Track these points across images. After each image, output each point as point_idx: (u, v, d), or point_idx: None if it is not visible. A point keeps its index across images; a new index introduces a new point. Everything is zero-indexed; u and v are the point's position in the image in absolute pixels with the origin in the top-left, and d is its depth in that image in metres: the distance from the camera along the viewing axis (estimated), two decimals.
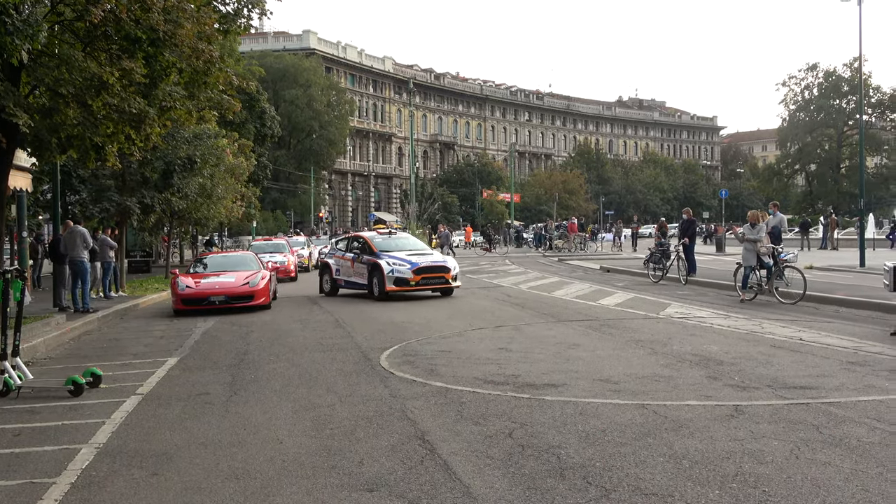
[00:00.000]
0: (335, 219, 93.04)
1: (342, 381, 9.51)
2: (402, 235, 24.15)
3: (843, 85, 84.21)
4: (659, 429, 6.81)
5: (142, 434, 7.35)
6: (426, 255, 21.62)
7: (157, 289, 24.83)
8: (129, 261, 32.24)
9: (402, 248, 21.67)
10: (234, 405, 8.41)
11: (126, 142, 15.03)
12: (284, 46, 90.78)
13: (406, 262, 20.58)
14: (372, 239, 22.25)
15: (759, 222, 18.13)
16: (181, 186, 25.46)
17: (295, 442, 6.83)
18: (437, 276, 20.61)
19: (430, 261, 21.13)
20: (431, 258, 21.54)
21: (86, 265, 18.24)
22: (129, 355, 12.47)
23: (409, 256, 20.92)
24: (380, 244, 21.79)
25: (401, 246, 21.95)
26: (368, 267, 20.96)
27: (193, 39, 13.80)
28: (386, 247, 21.62)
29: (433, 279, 20.59)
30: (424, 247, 23.47)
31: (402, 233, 25.86)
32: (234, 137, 35.27)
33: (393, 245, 21.88)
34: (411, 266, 20.41)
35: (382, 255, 20.94)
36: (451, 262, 21.56)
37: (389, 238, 22.60)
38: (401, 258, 20.77)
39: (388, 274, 20.18)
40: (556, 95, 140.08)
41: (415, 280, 20.23)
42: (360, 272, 21.41)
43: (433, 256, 21.98)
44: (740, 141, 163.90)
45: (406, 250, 21.50)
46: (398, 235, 23.56)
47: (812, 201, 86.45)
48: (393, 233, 23.65)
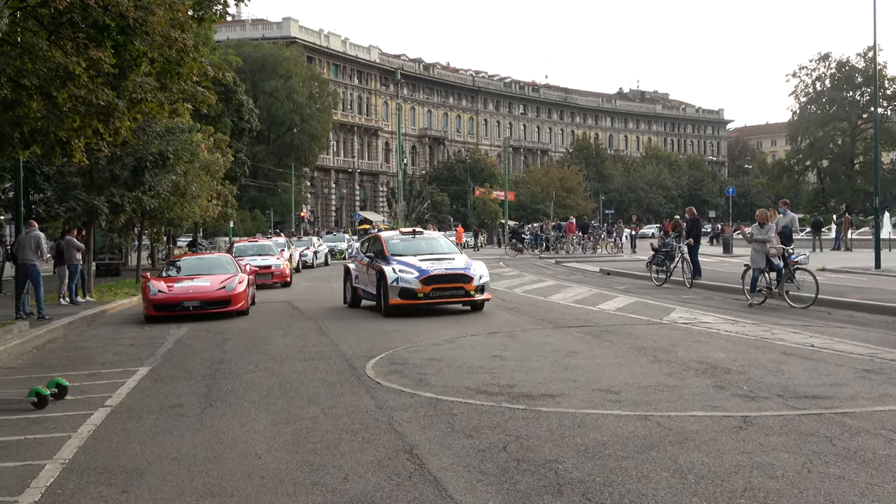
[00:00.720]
0: (318, 218, 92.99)
1: (325, 391, 9.50)
2: (430, 236, 21.45)
3: (857, 76, 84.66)
4: (663, 442, 6.82)
5: (110, 449, 7.32)
6: (444, 260, 18.28)
7: (126, 293, 24.74)
8: (98, 264, 32.12)
9: (421, 252, 18.85)
10: (209, 418, 8.39)
11: (94, 136, 15.00)
12: (263, 35, 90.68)
13: (414, 268, 17.66)
14: (388, 240, 19.68)
15: (768, 222, 18.19)
16: (153, 184, 25.38)
17: (274, 457, 6.81)
18: (453, 287, 17.62)
19: (445, 267, 17.85)
20: (448, 263, 18.10)
21: (37, 268, 18.19)
22: (97, 365, 12.42)
23: (422, 262, 17.94)
24: (394, 246, 19.15)
25: (421, 249, 19.16)
26: (377, 274, 18.20)
27: (165, 27, 13.78)
28: (401, 250, 18.97)
29: (448, 290, 17.63)
30: (453, 250, 20.04)
31: (433, 233, 23.02)
32: (210, 132, 35.23)
33: (412, 248, 19.17)
34: (420, 274, 17.46)
35: (392, 259, 18.21)
36: (477, 269, 18.15)
37: (412, 239, 19.84)
38: (410, 264, 17.87)
39: (392, 283, 17.37)
40: (552, 87, 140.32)
41: (423, 291, 17.29)
42: (372, 280, 18.68)
43: (452, 261, 18.32)
44: (748, 135, 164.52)
45: (425, 254, 18.68)
46: (425, 236, 20.75)
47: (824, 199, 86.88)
48: (419, 232, 20.86)
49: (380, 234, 21.19)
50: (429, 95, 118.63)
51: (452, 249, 20.05)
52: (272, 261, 29.34)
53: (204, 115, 33.44)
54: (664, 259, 23.94)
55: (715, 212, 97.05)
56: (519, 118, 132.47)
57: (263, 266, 28.11)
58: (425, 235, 20.87)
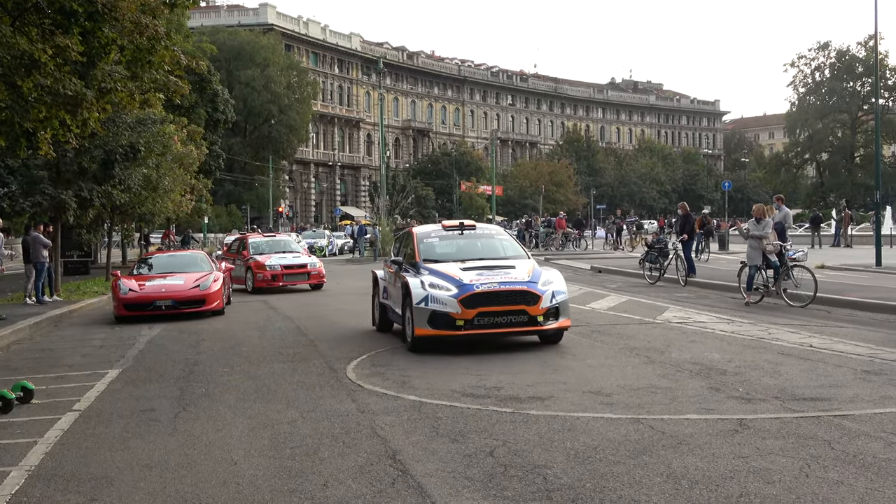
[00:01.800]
0: (296, 214, 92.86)
1: (304, 394, 9.49)
2: (484, 232, 15.06)
3: (858, 65, 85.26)
4: (655, 445, 6.85)
5: (79, 455, 7.29)
6: (497, 270, 12.82)
7: (96, 292, 24.64)
8: (66, 261, 31.97)
9: (469, 256, 13.60)
10: (182, 422, 8.37)
11: (61, 128, 14.90)
12: (239, 21, 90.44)
13: (454, 281, 12.34)
14: (422, 238, 14.18)
15: (765, 217, 18.27)
16: (123, 178, 25.25)
17: (251, 463, 6.80)
18: (509, 311, 12.19)
19: (499, 281, 12.35)
20: (503, 275, 12.61)
21: None
22: (65, 367, 12.37)
23: (467, 271, 12.70)
24: (430, 247, 13.91)
25: (468, 251, 13.92)
26: (403, 288, 13.06)
27: (136, 13, 13.71)
28: (440, 252, 13.79)
29: (502, 315, 12.16)
30: (516, 253, 14.17)
31: (491, 227, 16.51)
32: (183, 123, 35.09)
33: (455, 249, 14.05)
34: (461, 290, 12.12)
35: (423, 267, 13.18)
36: (548, 281, 12.76)
37: (457, 236, 14.36)
38: (448, 275, 12.57)
39: (419, 304, 12.19)
40: (541, 77, 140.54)
41: (465, 318, 11.97)
42: (398, 296, 13.52)
43: (510, 272, 12.77)
44: (745, 127, 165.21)
45: (473, 259, 13.43)
46: (477, 232, 14.64)
47: (823, 194, 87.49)
48: (469, 227, 14.64)
49: (412, 230, 15.24)
50: (413, 85, 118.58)
51: (515, 252, 14.17)
52: (305, 258, 26.78)
53: (177, 106, 33.33)
54: (657, 256, 24.01)
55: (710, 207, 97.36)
56: (507, 109, 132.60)
57: (297, 265, 25.92)
58: (478, 231, 14.69)
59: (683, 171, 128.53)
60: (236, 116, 61.51)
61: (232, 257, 27.66)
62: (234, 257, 27.49)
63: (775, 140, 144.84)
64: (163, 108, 26.28)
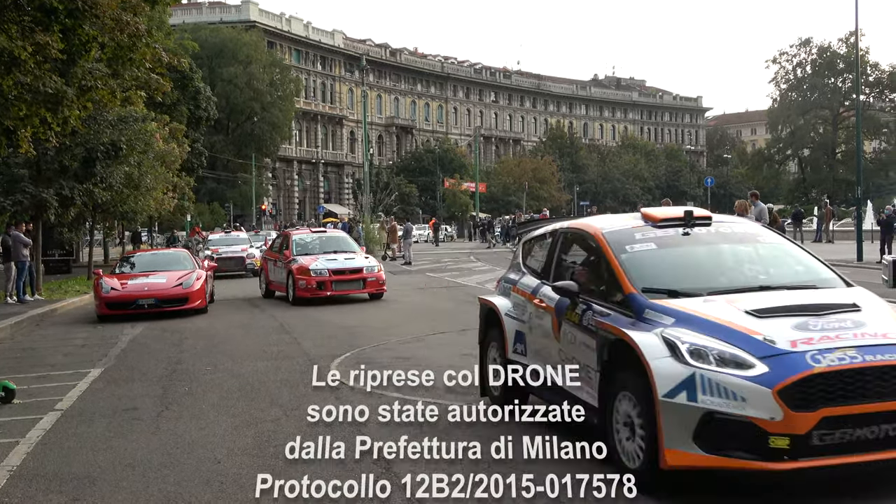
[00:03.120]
0: (280, 212, 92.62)
1: (288, 392, 9.48)
2: (738, 231, 7.75)
3: (839, 62, 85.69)
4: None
5: (61, 455, 7.26)
6: (834, 312, 6.12)
7: (77, 291, 24.53)
8: (47, 260, 31.80)
9: (728, 280, 6.96)
10: (165, 421, 8.34)
11: (41, 125, 14.82)
12: (221, 18, 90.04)
13: (745, 343, 5.82)
14: (622, 244, 7.24)
15: (746, 213, 18.36)
16: (105, 176, 25.13)
17: (234, 461, 6.79)
18: None
19: (858, 345, 5.70)
20: (859, 324, 5.95)
21: None
22: (47, 366, 12.31)
23: (765, 317, 6.07)
24: (643, 261, 7.08)
25: (721, 269, 7.18)
26: (605, 350, 6.52)
27: (117, 10, 13.66)
28: (665, 272, 7.00)
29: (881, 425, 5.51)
30: (825, 274, 7.17)
31: (745, 222, 8.43)
32: (165, 121, 34.94)
33: (693, 265, 7.18)
34: (777, 366, 5.61)
35: (654, 306, 6.45)
36: None
37: (684, 239, 7.38)
38: (725, 325, 6.01)
39: (672, 397, 5.69)
40: (524, 74, 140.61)
41: (791, 430, 5.43)
42: (584, 360, 6.84)
43: (859, 315, 6.12)
44: (727, 123, 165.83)
45: (742, 286, 6.80)
46: (723, 231, 7.60)
47: (805, 190, 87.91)
48: (700, 222, 7.54)
49: (590, 228, 7.82)
50: (396, 82, 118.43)
51: (821, 274, 7.23)
52: (361, 261, 21.30)
53: (158, 104, 33.14)
54: None
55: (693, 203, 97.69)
56: (490, 106, 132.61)
57: (349, 269, 20.63)
58: (723, 230, 7.66)
59: (666, 168, 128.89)
60: (219, 114, 61.32)
61: (273, 258, 22.68)
62: (276, 258, 22.29)
63: (757, 136, 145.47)
64: (144, 106, 26.15)
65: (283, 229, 44.47)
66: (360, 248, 23.40)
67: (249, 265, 31.52)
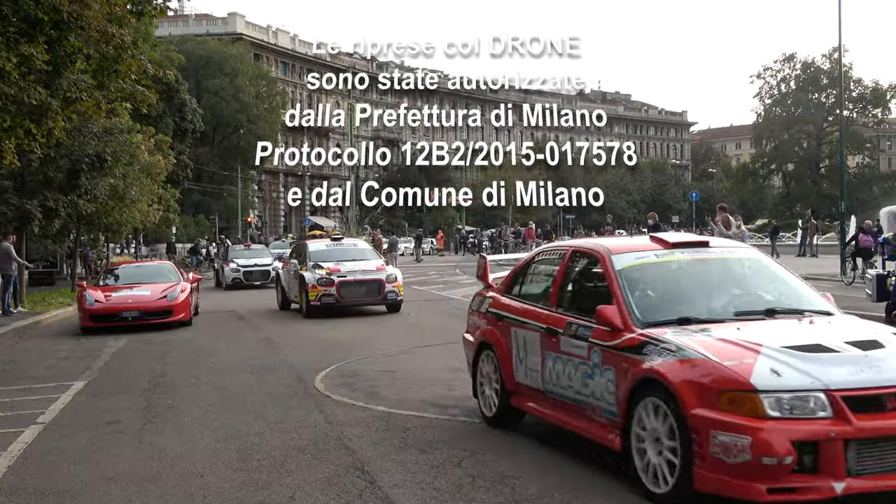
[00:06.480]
0: (266, 224, 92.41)
1: (272, 405, 9.44)
2: None
3: (823, 77, 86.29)
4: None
5: (42, 468, 7.21)
6: None
7: (61, 303, 24.39)
8: (30, 272, 31.63)
9: None
10: (148, 434, 8.30)
11: (25, 137, 14.77)
12: (207, 31, 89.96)
13: None
14: None
15: (730, 227, 18.44)
16: (89, 188, 25.03)
17: (218, 475, 6.75)
18: None
19: None
20: None
21: None
22: (29, 379, 12.22)
23: None
24: None
25: None
26: None
27: (102, 22, 13.63)
28: None
29: None
30: None
31: None
32: (151, 133, 34.82)
33: None
34: None
35: None
36: None
37: None
38: None
39: None
40: (510, 88, 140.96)
41: None
42: None
43: None
44: (712, 138, 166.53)
45: None
46: None
47: (790, 204, 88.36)
48: None
49: None
50: (382, 95, 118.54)
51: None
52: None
53: (144, 115, 32.91)
54: None
55: (678, 217, 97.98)
56: (476, 119, 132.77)
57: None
58: None
59: (652, 182, 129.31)
60: (205, 126, 61.25)
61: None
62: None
63: (742, 151, 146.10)
64: (130, 118, 26.08)
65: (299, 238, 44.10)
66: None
67: (391, 295, 19.84)
